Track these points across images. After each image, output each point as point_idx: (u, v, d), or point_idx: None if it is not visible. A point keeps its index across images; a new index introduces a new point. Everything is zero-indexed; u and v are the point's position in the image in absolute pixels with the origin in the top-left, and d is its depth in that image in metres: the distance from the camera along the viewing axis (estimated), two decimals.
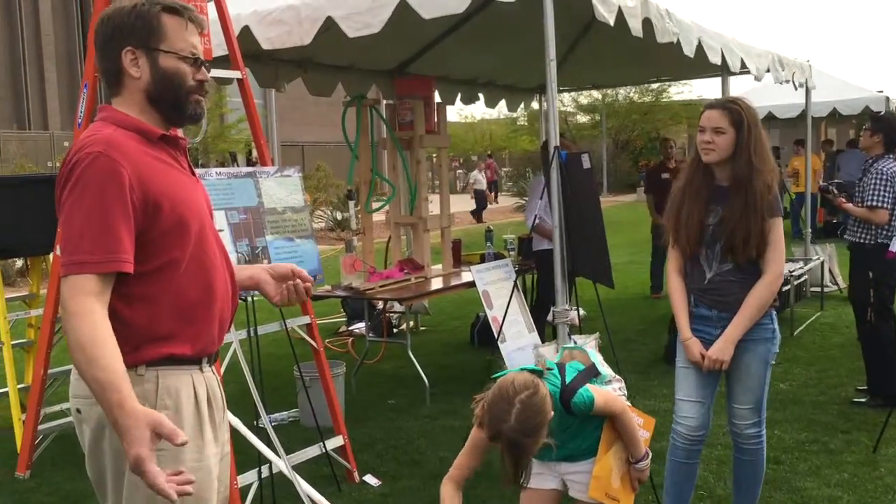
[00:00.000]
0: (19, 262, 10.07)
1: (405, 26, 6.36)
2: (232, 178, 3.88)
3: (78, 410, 1.95)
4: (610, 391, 2.78)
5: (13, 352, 4.95)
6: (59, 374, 4.79)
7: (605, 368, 2.89)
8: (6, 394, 4.96)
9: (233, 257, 3.75)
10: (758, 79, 7.01)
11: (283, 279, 2.32)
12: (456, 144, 42.97)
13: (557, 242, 3.99)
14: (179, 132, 3.04)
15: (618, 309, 8.26)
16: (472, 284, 5.78)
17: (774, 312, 3.19)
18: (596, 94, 30.24)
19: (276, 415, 5.23)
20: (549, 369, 2.65)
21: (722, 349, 3.07)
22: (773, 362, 3.23)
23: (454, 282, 5.95)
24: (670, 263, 3.24)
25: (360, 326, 7.76)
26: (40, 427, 4.45)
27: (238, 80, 4.08)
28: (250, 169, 4.02)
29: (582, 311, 7.95)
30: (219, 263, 2.06)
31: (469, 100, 8.71)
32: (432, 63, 7.60)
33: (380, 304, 6.66)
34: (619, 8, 4.43)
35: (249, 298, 3.85)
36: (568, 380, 2.63)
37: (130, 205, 1.83)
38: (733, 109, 3.04)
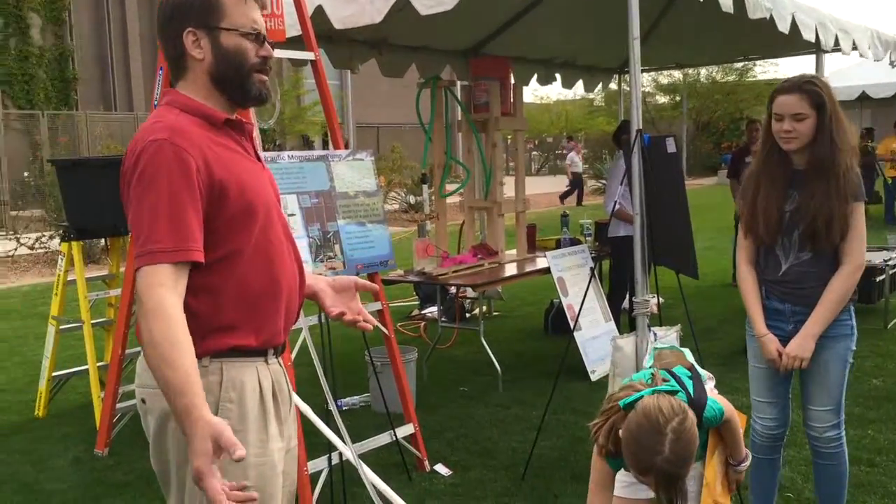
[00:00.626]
0: (102, 241, 10.35)
1: (480, 5, 6.23)
2: (304, 162, 3.83)
3: (143, 400, 1.91)
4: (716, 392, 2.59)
5: (93, 330, 5.05)
6: (136, 353, 4.83)
7: (698, 367, 2.70)
8: (86, 371, 5.06)
9: (304, 241, 3.72)
10: (861, 55, 6.61)
11: (344, 291, 2.21)
12: (531, 126, 42.64)
13: (638, 230, 3.81)
14: (251, 115, 2.97)
15: (696, 297, 7.99)
16: (547, 271, 5.65)
17: (852, 307, 2.96)
18: (677, 73, 29.42)
19: (349, 399, 5.21)
20: (664, 380, 2.43)
21: (801, 345, 2.85)
22: (852, 361, 3.00)
23: (529, 268, 5.82)
24: (741, 253, 3.03)
25: (432, 310, 7.71)
26: (118, 405, 4.52)
27: (311, 61, 4.01)
28: (322, 152, 3.96)
29: (660, 299, 7.77)
30: (285, 252, 1.98)
31: (546, 80, 8.50)
32: (508, 43, 7.43)
33: (453, 289, 6.58)
34: None
35: None
36: (692, 391, 2.41)
37: (198, 191, 1.77)
38: (812, 91, 2.80)
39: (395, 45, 6.72)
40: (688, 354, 2.70)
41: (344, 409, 5.12)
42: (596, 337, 5.63)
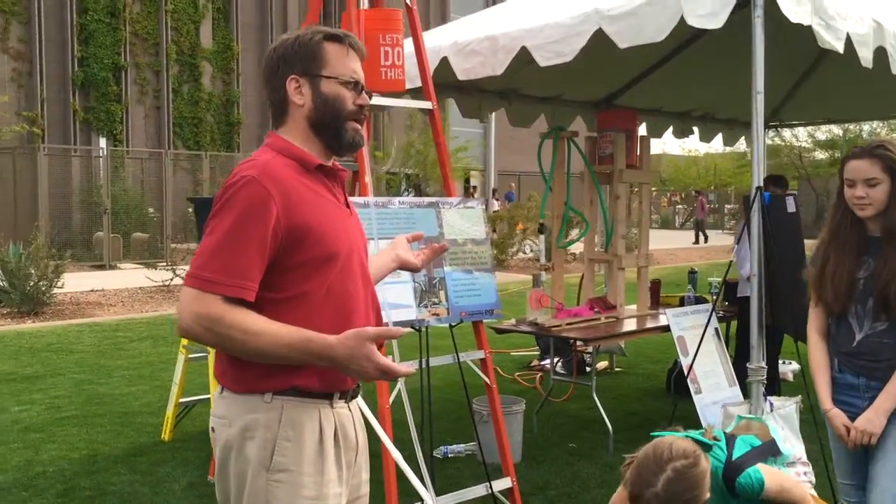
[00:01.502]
0: None
1: (612, 57, 6.18)
2: (414, 208, 3.90)
3: (212, 429, 1.98)
4: (790, 475, 2.42)
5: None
6: None
7: (788, 447, 2.51)
8: (209, 400, 5.30)
9: (410, 286, 3.77)
10: None
11: (405, 247, 2.45)
12: (677, 178, 41.62)
13: (755, 291, 3.63)
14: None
15: None
16: (667, 328, 5.44)
17: None
18: (836, 129, 27.98)
19: (455, 447, 5.19)
20: (715, 439, 2.33)
21: (871, 419, 2.65)
22: None
23: (649, 324, 5.63)
24: (812, 324, 2.87)
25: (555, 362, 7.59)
26: None
27: (429, 110, 4.11)
28: (433, 199, 4.02)
29: (797, 366, 7.29)
30: (360, 299, 2.02)
31: (681, 133, 8.31)
32: (642, 95, 7.33)
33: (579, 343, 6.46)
34: (848, 35, 3.99)
35: (423, 328, 3.83)
36: (736, 455, 2.30)
37: (271, 235, 1.84)
38: (884, 156, 2.67)
39: (525, 96, 6.78)
40: (773, 430, 2.53)
41: (450, 456, 5.10)
42: (717, 402, 5.34)
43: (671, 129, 8.22)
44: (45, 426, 5.75)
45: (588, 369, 7.49)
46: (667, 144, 50.52)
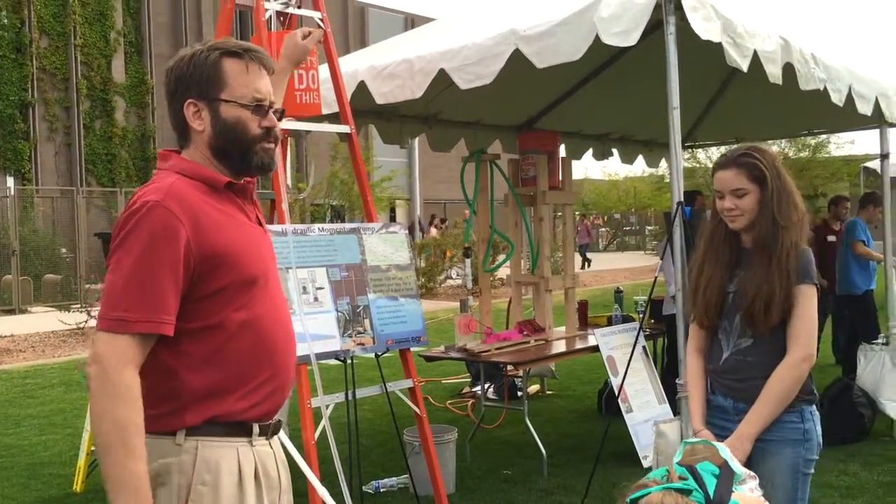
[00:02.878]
0: None
1: (530, 81, 6.22)
2: (335, 235, 3.78)
3: None
4: (749, 495, 2.34)
5: None
6: None
7: (736, 464, 2.44)
8: None
9: (332, 315, 3.63)
10: None
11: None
12: (598, 202, 42.42)
13: (680, 305, 3.61)
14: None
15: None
16: (596, 349, 5.43)
17: (809, 408, 2.57)
18: None
19: (387, 480, 5.02)
20: (682, 479, 2.20)
21: (735, 445, 2.47)
22: (810, 472, 2.58)
23: (578, 345, 5.60)
24: (691, 341, 2.75)
25: (485, 388, 7.51)
26: None
27: (346, 134, 4.01)
28: (354, 225, 3.91)
29: None
30: (279, 322, 1.89)
31: (602, 155, 8.40)
32: (561, 118, 7.39)
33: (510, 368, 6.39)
34: (755, 52, 4.06)
35: (349, 359, 3.70)
36: (711, 491, 2.18)
37: (182, 262, 1.71)
38: (749, 164, 2.55)
39: (445, 121, 6.74)
40: (723, 450, 2.46)
41: (381, 491, 4.94)
42: (648, 420, 5.33)
43: (591, 151, 8.30)
44: None
45: (520, 394, 7.47)
46: (588, 169, 51.49)
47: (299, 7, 3.88)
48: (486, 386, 6.32)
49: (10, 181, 21.46)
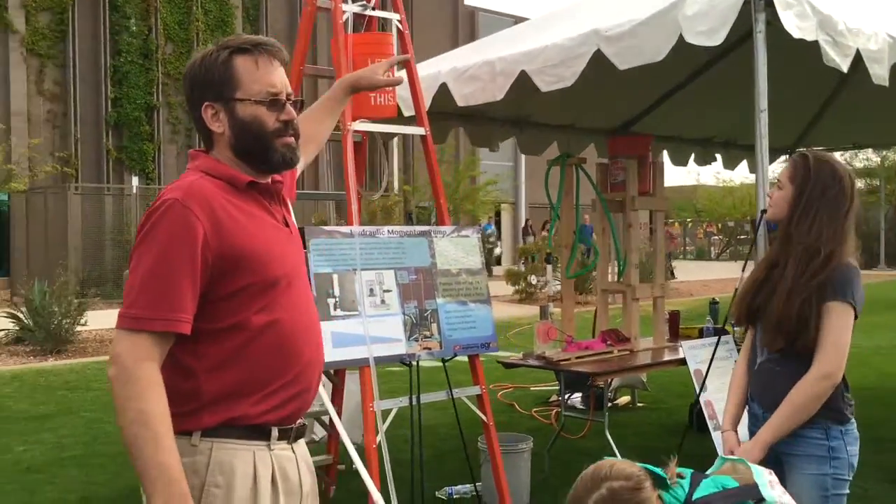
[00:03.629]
0: None
1: (626, 84, 6.03)
2: (404, 237, 3.75)
3: None
4: None
5: None
6: None
7: (774, 493, 2.26)
8: None
9: (399, 318, 3.61)
10: None
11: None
12: (711, 209, 41.04)
13: None
14: (136, 181, 2.94)
15: (874, 402, 7.10)
16: (685, 361, 5.21)
17: (837, 426, 2.48)
18: (874, 156, 27.39)
19: (460, 487, 4.97)
20: (680, 477, 2.11)
21: (747, 450, 2.44)
22: (842, 492, 2.48)
23: (666, 357, 5.39)
24: (745, 343, 2.72)
25: (573, 397, 7.35)
26: None
27: (422, 136, 3.98)
28: (425, 228, 3.87)
29: None
30: (304, 325, 1.86)
31: (703, 161, 8.10)
32: (661, 122, 7.16)
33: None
34: (858, 51, 3.79)
35: (414, 363, 3.66)
36: (697, 495, 2.06)
37: (200, 260, 1.70)
38: (797, 162, 2.51)
39: (537, 124, 6.64)
40: (759, 474, 2.28)
41: (454, 497, 4.89)
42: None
43: (693, 156, 8.01)
44: (46, 467, 5.64)
45: (609, 404, 7.27)
46: (701, 175, 49.90)
47: (374, 9, 3.88)
48: (567, 396, 6.16)
49: (135, 180, 22.65)
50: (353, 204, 3.56)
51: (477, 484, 4.98)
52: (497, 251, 27.21)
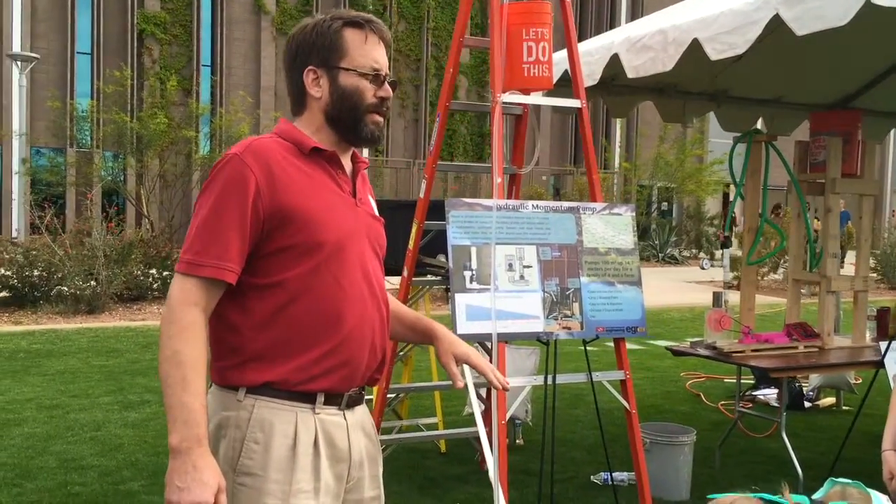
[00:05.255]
0: None
1: (846, 53, 5.44)
2: (549, 213, 3.65)
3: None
4: None
5: None
6: (398, 389, 5.01)
7: None
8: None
9: (538, 296, 3.53)
10: None
11: (462, 359, 2.06)
12: None
13: None
14: (367, 153, 2.88)
15: None
16: (883, 364, 4.65)
17: None
18: None
19: (617, 474, 4.81)
20: None
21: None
22: None
23: (861, 357, 4.85)
24: None
25: (767, 393, 6.84)
26: (380, 437, 4.71)
27: (577, 109, 3.84)
28: (574, 204, 3.74)
29: None
30: (357, 294, 1.86)
31: None
32: (890, 96, 6.39)
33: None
34: None
35: (552, 341, 3.57)
36: None
37: (251, 212, 1.76)
38: None
39: (737, 98, 6.17)
40: (878, 499, 1.97)
41: (609, 483, 4.73)
42: None
43: None
44: None
45: (808, 405, 6.69)
46: None
47: None
48: (746, 392, 5.73)
49: (366, 153, 23.97)
50: (497, 178, 3.51)
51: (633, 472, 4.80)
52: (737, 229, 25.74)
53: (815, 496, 2.15)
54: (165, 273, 11.96)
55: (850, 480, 2.35)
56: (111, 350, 8.61)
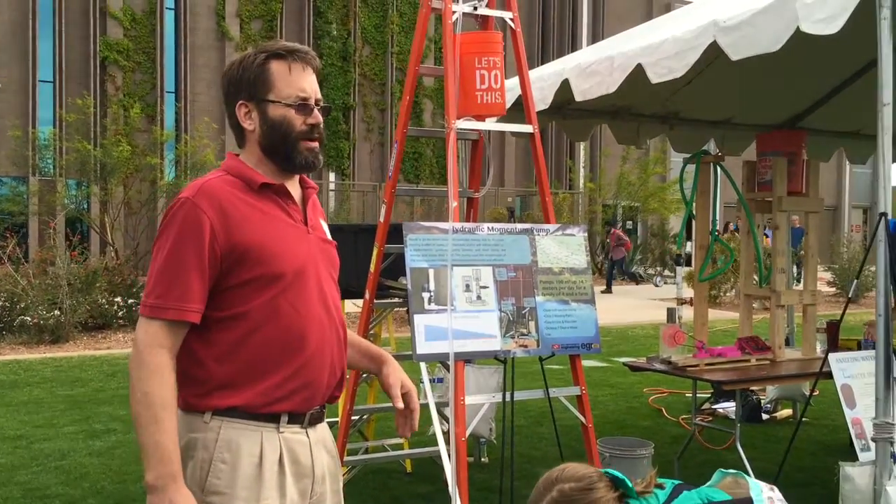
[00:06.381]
0: None
1: (796, 73, 5.63)
2: (504, 234, 3.77)
3: None
4: None
5: None
6: (363, 410, 5.07)
7: None
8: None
9: (495, 315, 3.64)
10: None
11: (405, 396, 2.11)
12: None
13: (881, 331, 3.11)
14: (333, 176, 2.95)
15: None
16: (832, 375, 4.82)
17: None
18: None
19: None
20: (659, 487, 2.00)
21: None
22: None
23: (810, 369, 5.01)
24: None
25: (726, 406, 7.00)
26: (345, 458, 4.77)
27: (530, 134, 3.98)
28: (527, 226, 3.87)
29: None
30: (315, 321, 1.95)
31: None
32: (837, 116, 6.63)
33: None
34: None
35: (509, 359, 3.68)
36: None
37: (208, 253, 1.84)
38: None
39: (689, 120, 6.38)
40: (756, 488, 2.11)
41: None
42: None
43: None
44: None
45: (766, 416, 6.86)
46: None
47: (487, 6, 3.93)
48: (706, 406, 5.88)
49: (332, 176, 24.05)
50: (452, 202, 3.62)
51: None
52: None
53: (706, 485, 2.28)
54: (131, 301, 11.89)
55: (735, 471, 2.48)
56: (76, 379, 8.55)
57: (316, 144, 2.00)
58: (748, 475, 2.24)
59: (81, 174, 17.52)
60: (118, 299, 12.01)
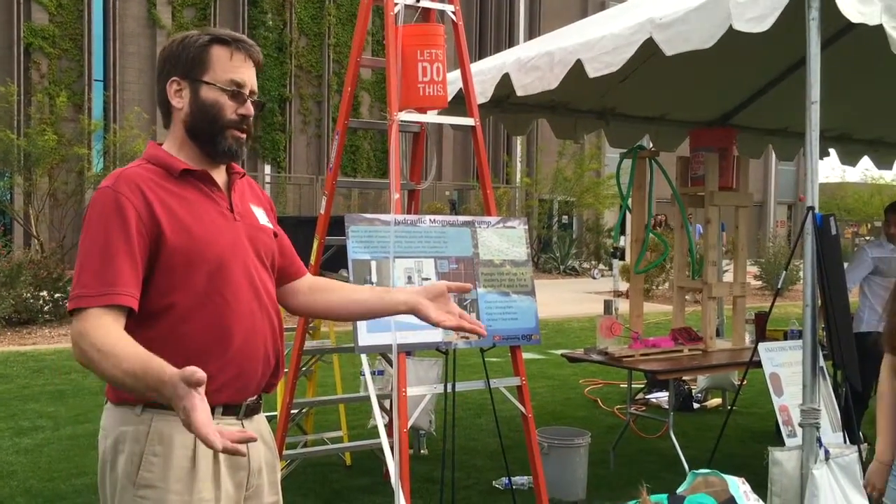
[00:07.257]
0: None
1: (727, 71, 5.77)
2: (446, 227, 3.79)
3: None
4: None
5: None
6: (302, 404, 5.04)
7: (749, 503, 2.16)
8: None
9: None
10: None
11: (439, 297, 2.05)
12: (858, 209, 38.51)
13: (808, 323, 3.23)
14: (269, 168, 2.89)
15: None
16: (760, 364, 4.99)
17: None
18: None
19: (517, 478, 4.97)
20: None
21: (873, 471, 2.44)
22: None
23: (741, 359, 5.18)
24: (883, 370, 2.54)
25: (659, 396, 7.18)
26: (285, 452, 4.73)
27: (471, 127, 4.00)
28: (469, 218, 3.89)
29: None
30: (244, 307, 1.90)
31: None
32: (766, 114, 6.84)
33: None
34: None
35: (451, 350, 3.71)
36: None
37: (136, 236, 1.79)
38: None
39: (624, 115, 6.50)
40: (734, 485, 2.19)
41: (514, 487, 4.90)
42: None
43: (802, 150, 7.60)
44: None
45: (696, 406, 7.05)
46: (847, 172, 46.75)
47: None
48: (640, 396, 6.02)
49: (268, 169, 23.70)
50: (394, 194, 3.62)
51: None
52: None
53: (679, 489, 2.34)
54: (57, 295, 11.53)
55: (709, 470, 2.56)
56: (0, 376, 8.27)
57: (243, 136, 1.96)
58: (722, 474, 2.29)
59: (4, 164, 16.88)
60: (44, 293, 11.64)
